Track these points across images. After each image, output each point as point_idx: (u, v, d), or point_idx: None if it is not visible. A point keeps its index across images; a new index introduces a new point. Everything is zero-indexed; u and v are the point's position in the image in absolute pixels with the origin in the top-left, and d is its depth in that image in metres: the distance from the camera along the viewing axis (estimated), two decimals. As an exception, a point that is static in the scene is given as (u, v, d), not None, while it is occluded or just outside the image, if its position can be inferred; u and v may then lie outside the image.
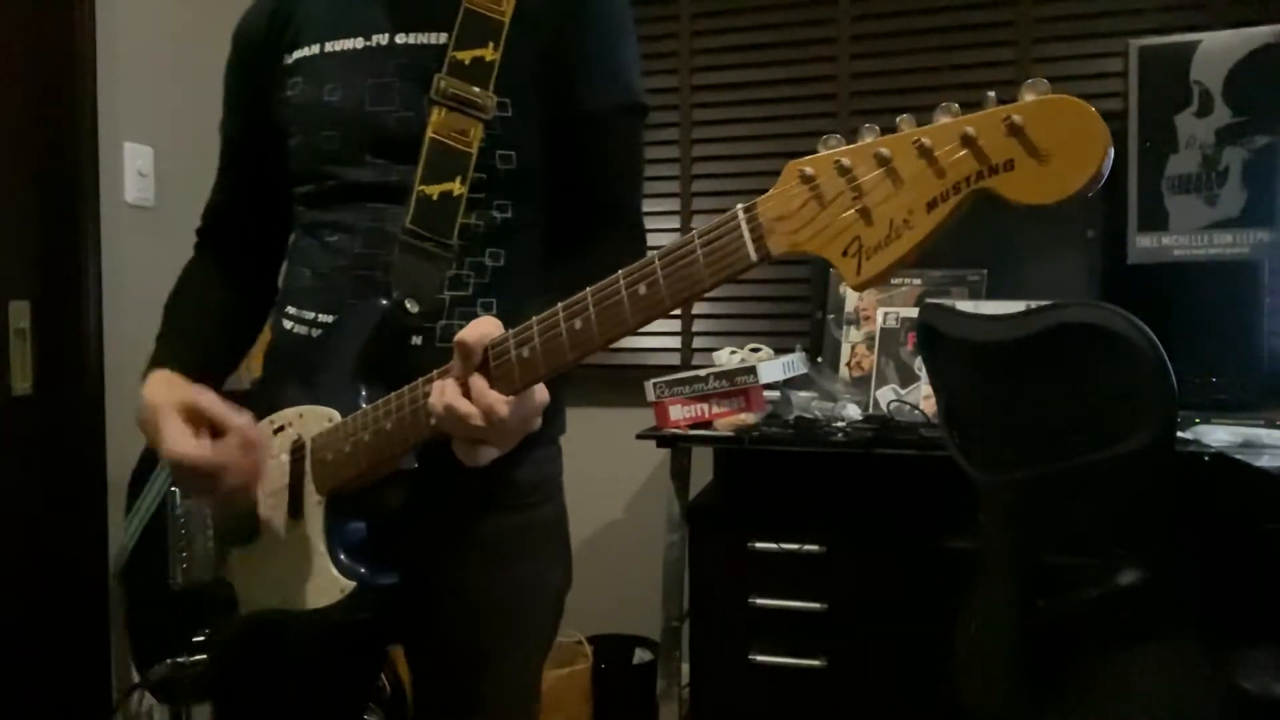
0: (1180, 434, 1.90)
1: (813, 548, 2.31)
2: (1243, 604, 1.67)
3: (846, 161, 0.71)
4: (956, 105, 0.69)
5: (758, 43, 3.01)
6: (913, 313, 2.37)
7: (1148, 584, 1.55)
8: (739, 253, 0.77)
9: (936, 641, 1.91)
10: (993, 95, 0.68)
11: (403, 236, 1.07)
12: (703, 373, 2.36)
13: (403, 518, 1.06)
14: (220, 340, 1.23)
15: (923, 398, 2.35)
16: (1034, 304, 1.64)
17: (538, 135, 1.11)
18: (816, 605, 2.30)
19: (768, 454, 2.31)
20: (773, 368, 2.39)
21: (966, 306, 1.95)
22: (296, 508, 1.06)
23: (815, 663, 2.30)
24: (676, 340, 3.08)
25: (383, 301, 1.05)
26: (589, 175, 1.14)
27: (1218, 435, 1.94)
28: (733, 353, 2.53)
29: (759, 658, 2.34)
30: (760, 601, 2.34)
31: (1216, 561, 1.66)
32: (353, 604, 1.01)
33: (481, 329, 0.92)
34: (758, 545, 2.34)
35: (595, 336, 0.85)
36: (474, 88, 1.07)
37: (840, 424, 2.28)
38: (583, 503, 1.25)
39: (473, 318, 0.95)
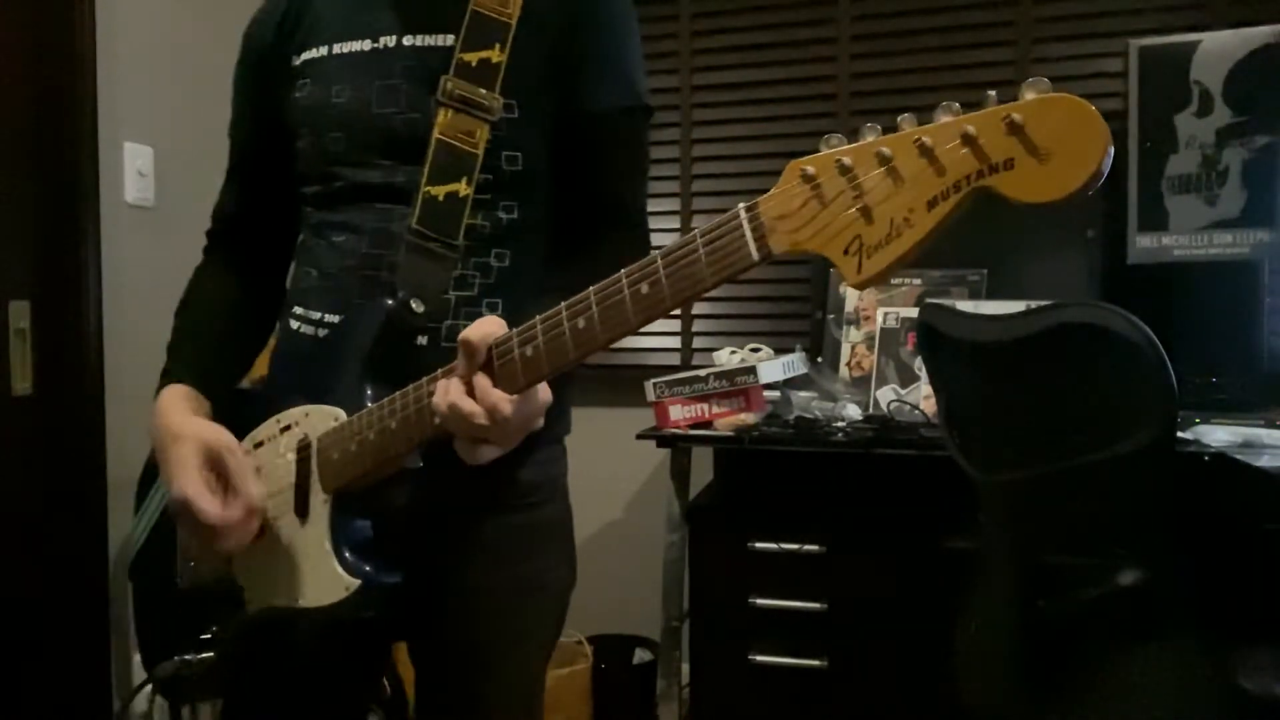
0: (1180, 434, 1.90)
1: (813, 548, 2.30)
2: (1243, 604, 1.67)
3: (848, 160, 0.72)
4: (957, 104, 0.69)
5: (758, 43, 3.01)
6: (913, 313, 2.37)
7: (1148, 584, 1.55)
8: (741, 252, 0.77)
9: (936, 641, 1.91)
10: (993, 94, 0.68)
11: (409, 237, 1.07)
12: (703, 373, 2.36)
13: (408, 516, 1.07)
14: (232, 346, 1.23)
15: (923, 398, 2.35)
16: (1034, 304, 1.64)
17: (544, 136, 1.12)
18: (816, 605, 2.29)
19: (768, 454, 2.31)
20: (773, 368, 2.39)
21: (966, 306, 1.95)
22: (303, 506, 1.06)
23: (815, 663, 2.30)
24: (676, 340, 3.08)
25: (388, 301, 1.05)
26: (594, 176, 1.14)
27: (1218, 435, 1.94)
28: (733, 353, 2.53)
29: (759, 658, 2.34)
30: (760, 601, 2.33)
31: (1216, 561, 1.66)
32: (358, 602, 1.01)
33: (485, 328, 0.92)
34: (758, 545, 2.34)
35: (598, 335, 0.86)
36: (480, 89, 1.07)
37: (840, 424, 2.28)
38: (583, 503, 1.25)
39: (478, 318, 0.95)
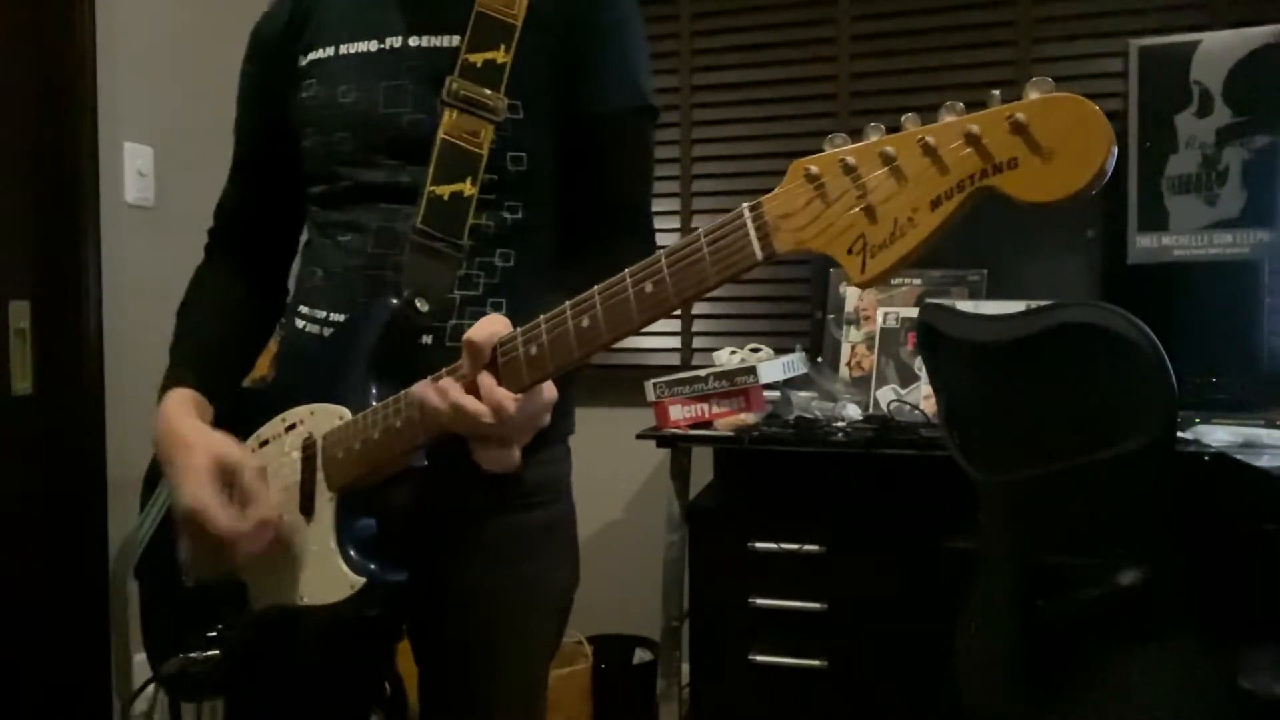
0: (1180, 434, 1.90)
1: (813, 548, 2.30)
2: (1243, 604, 1.67)
3: (851, 160, 0.72)
4: (961, 104, 0.69)
5: (758, 43, 3.01)
6: (913, 313, 2.37)
7: (1148, 584, 1.55)
8: (744, 251, 0.77)
9: (936, 641, 1.91)
10: (997, 94, 0.68)
11: (414, 236, 1.07)
12: (703, 373, 2.36)
13: (412, 515, 1.07)
14: (234, 346, 1.23)
15: (923, 398, 2.35)
16: (1034, 304, 1.64)
17: (549, 137, 1.12)
18: (816, 605, 2.30)
19: (768, 454, 2.30)
20: (773, 368, 2.39)
21: (966, 306, 1.96)
22: (308, 504, 1.06)
23: (815, 663, 2.30)
24: (676, 340, 3.08)
25: (393, 301, 1.06)
26: (599, 177, 1.15)
27: (1218, 435, 1.94)
28: (733, 353, 2.52)
29: (759, 658, 2.34)
30: (760, 601, 2.33)
31: (1216, 561, 1.66)
32: (363, 600, 1.01)
33: (490, 327, 0.93)
34: (758, 545, 2.34)
35: (602, 334, 0.86)
36: (485, 90, 1.07)
37: (840, 424, 2.28)
38: (583, 502, 1.25)
39: (482, 317, 0.95)
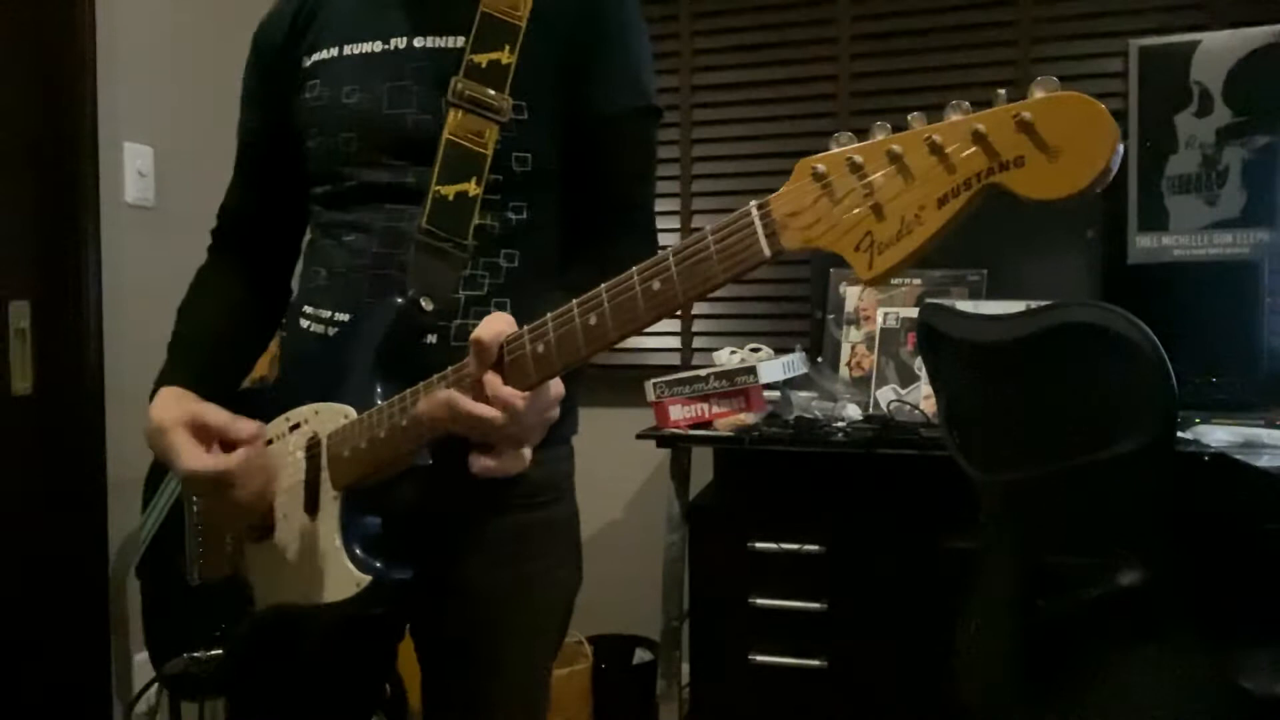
0: (1180, 434, 1.90)
1: (813, 548, 2.31)
2: (1243, 604, 1.67)
3: (858, 158, 0.72)
4: (967, 103, 0.69)
5: (758, 43, 3.01)
6: (913, 313, 2.37)
7: (1148, 584, 1.55)
8: (752, 249, 0.77)
9: (936, 641, 1.92)
10: (1003, 93, 0.69)
11: (419, 236, 1.07)
12: (703, 373, 2.36)
13: (417, 514, 1.07)
14: (234, 346, 1.24)
15: (923, 398, 2.35)
16: (1034, 304, 1.65)
17: (553, 137, 1.12)
18: (816, 605, 2.30)
19: (768, 454, 2.30)
20: (773, 368, 2.39)
21: (966, 306, 1.96)
22: (312, 503, 1.06)
23: (815, 663, 2.30)
24: (676, 340, 3.08)
25: (398, 300, 1.06)
26: (604, 177, 1.15)
27: (1218, 435, 1.94)
28: (733, 353, 2.52)
29: (759, 658, 2.34)
30: (760, 601, 2.34)
31: (1216, 561, 1.66)
32: (368, 598, 1.02)
33: (496, 326, 0.93)
34: (758, 545, 2.34)
35: (609, 332, 0.86)
36: (490, 90, 1.07)
37: (840, 424, 2.28)
38: (583, 502, 1.25)
39: (486, 317, 0.95)
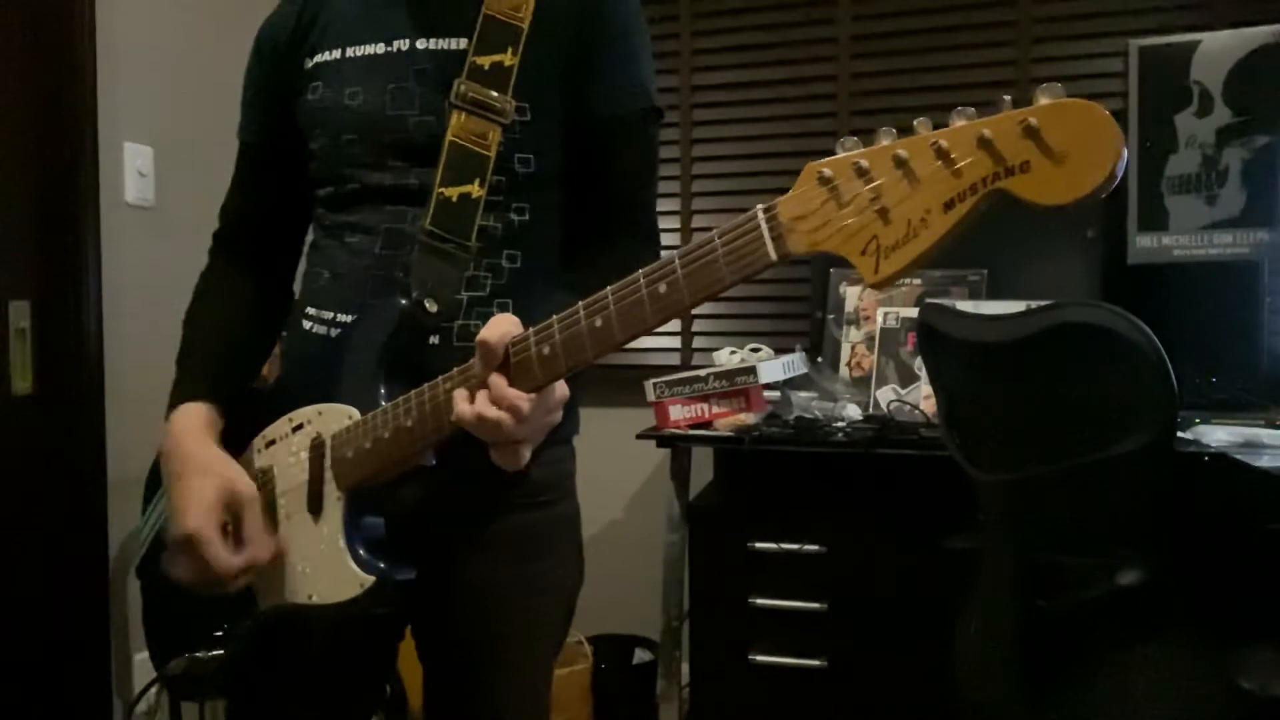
0: (1180, 434, 1.90)
1: (813, 548, 2.31)
2: (1243, 604, 1.67)
3: (864, 163, 0.73)
4: (972, 109, 0.70)
5: (758, 43, 3.01)
6: (913, 313, 2.37)
7: (1148, 584, 1.55)
8: (759, 252, 0.78)
9: (936, 641, 1.92)
10: (1008, 99, 0.69)
11: (422, 237, 1.08)
12: (703, 373, 2.36)
13: (420, 514, 1.08)
14: (243, 352, 1.23)
15: (923, 398, 2.35)
16: (1034, 304, 1.65)
17: (556, 139, 1.12)
18: (816, 605, 2.30)
19: (768, 454, 2.30)
20: (773, 368, 2.39)
21: (966, 306, 1.96)
22: (316, 504, 1.07)
23: (815, 663, 2.30)
24: (676, 340, 3.08)
25: (402, 301, 1.06)
26: (606, 178, 1.15)
27: (1218, 435, 1.95)
28: (733, 353, 2.52)
29: (759, 658, 2.34)
30: (760, 601, 2.34)
31: (1216, 561, 1.67)
32: (372, 599, 1.02)
33: (501, 327, 0.93)
34: (758, 545, 2.34)
35: (616, 334, 0.86)
36: (492, 92, 1.08)
37: (840, 424, 2.28)
38: (583, 502, 1.25)
39: (489, 318, 0.96)
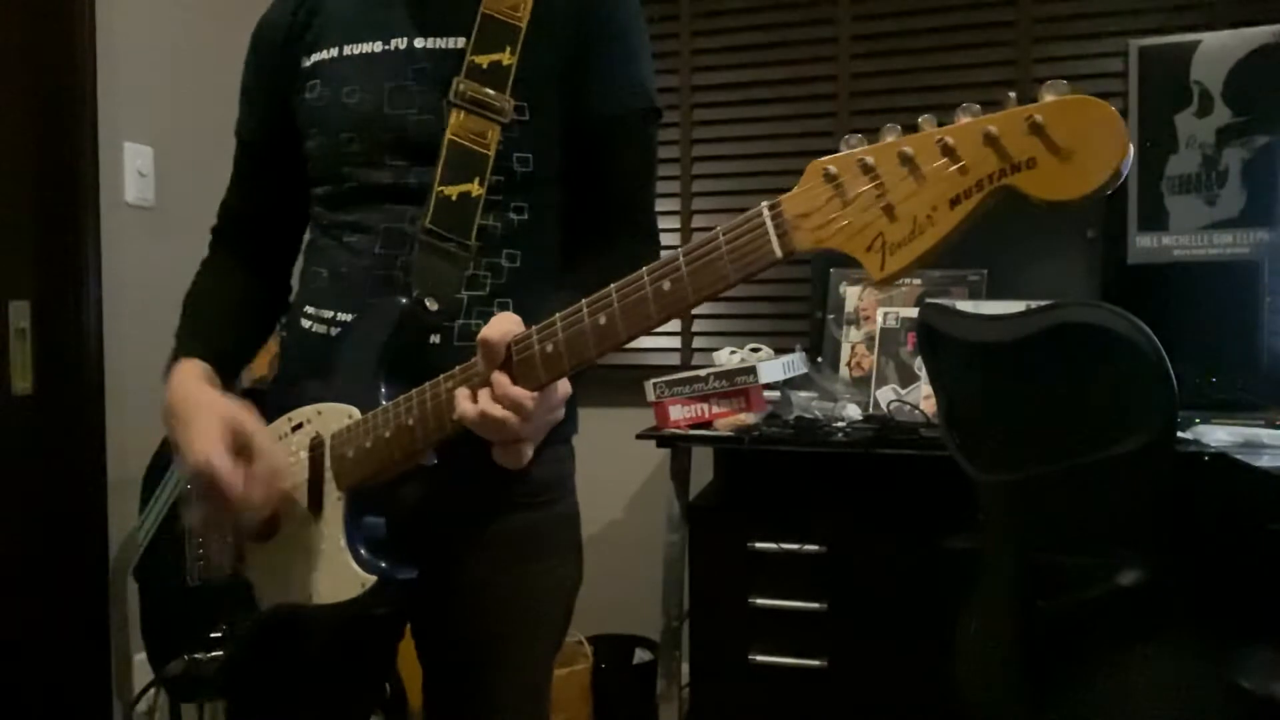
0: (1180, 434, 1.90)
1: (813, 548, 2.31)
2: (1243, 604, 1.67)
3: (870, 160, 0.73)
4: (977, 106, 0.70)
5: (758, 43, 3.01)
6: (913, 313, 2.37)
7: (1148, 584, 1.55)
8: (764, 249, 0.78)
9: (936, 641, 1.92)
10: (1013, 96, 0.70)
11: (422, 236, 1.07)
12: (703, 373, 2.36)
13: (420, 513, 1.07)
14: (239, 332, 1.24)
15: (923, 398, 2.35)
16: (1034, 304, 1.65)
17: (555, 138, 1.12)
18: (816, 605, 2.30)
19: (768, 454, 2.30)
20: (773, 368, 2.39)
21: (966, 306, 1.96)
22: (316, 503, 1.06)
23: (815, 663, 2.30)
24: (676, 340, 3.08)
25: (402, 300, 1.06)
26: (606, 177, 1.15)
27: (1218, 435, 1.95)
28: (733, 353, 2.52)
29: (759, 658, 2.34)
30: (760, 601, 2.34)
31: (1216, 561, 1.67)
32: (373, 598, 1.02)
33: (503, 326, 0.93)
34: (758, 545, 2.34)
35: (619, 332, 0.86)
36: (491, 91, 1.08)
37: (840, 424, 2.28)
38: (583, 502, 1.25)
39: (489, 317, 0.96)
